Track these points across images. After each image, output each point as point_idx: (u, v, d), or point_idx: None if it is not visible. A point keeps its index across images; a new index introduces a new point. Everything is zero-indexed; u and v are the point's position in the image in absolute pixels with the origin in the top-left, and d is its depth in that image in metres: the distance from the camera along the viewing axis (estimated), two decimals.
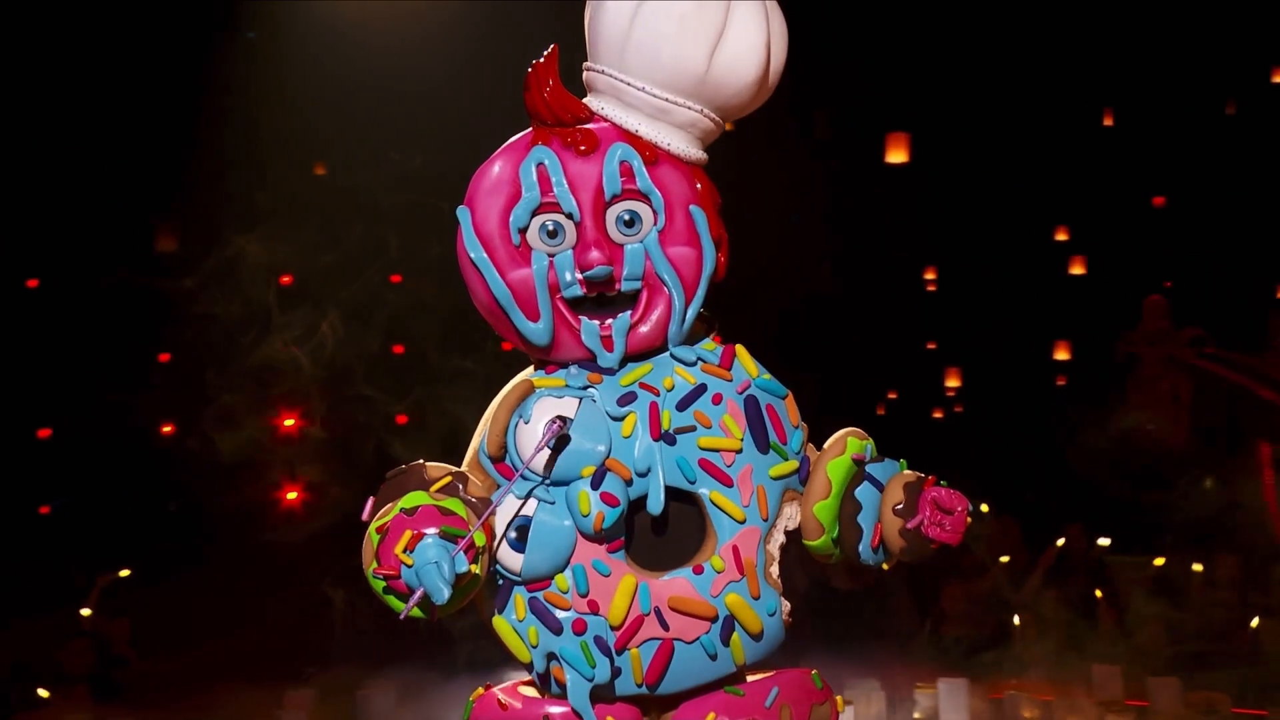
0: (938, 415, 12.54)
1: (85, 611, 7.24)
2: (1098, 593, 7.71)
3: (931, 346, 12.54)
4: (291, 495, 9.60)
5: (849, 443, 2.59)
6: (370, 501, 2.50)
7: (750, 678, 2.59)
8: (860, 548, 2.52)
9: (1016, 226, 11.00)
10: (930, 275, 12.19)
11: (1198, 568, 8.20)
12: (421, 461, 2.57)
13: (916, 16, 9.56)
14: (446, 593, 2.30)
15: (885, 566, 2.58)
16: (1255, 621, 7.06)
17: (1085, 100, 10.83)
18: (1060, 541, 8.10)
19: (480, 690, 2.66)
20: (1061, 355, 11.64)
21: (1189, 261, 10.65)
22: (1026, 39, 9.97)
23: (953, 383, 12.46)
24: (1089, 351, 11.53)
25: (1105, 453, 9.40)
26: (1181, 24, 9.85)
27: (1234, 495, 9.80)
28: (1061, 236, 11.54)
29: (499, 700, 2.58)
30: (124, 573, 7.55)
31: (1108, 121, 11.04)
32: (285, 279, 8.81)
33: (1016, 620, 7.22)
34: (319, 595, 7.16)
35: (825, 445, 2.62)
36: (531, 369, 2.66)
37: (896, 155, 10.13)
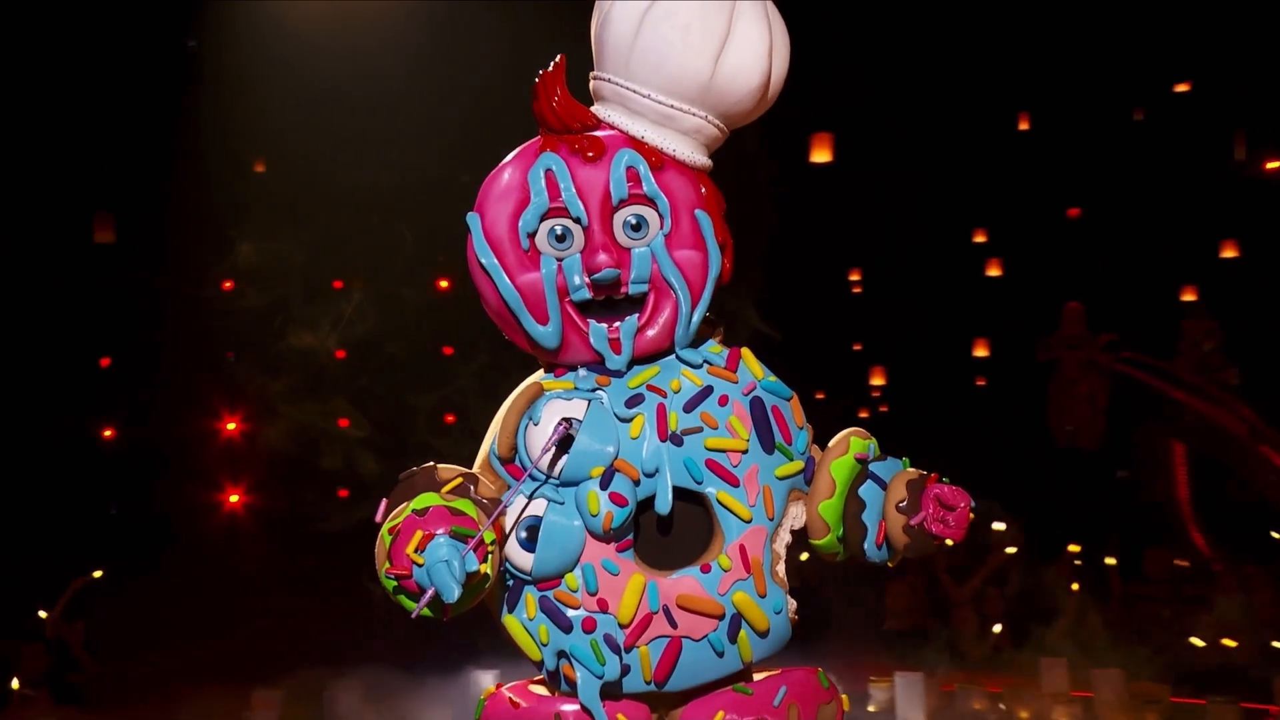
0: (863, 415, 12.69)
1: (42, 614, 7.04)
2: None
3: (857, 348, 12.67)
4: (233, 499, 9.42)
5: (852, 442, 2.59)
6: (383, 503, 2.46)
7: (756, 676, 2.58)
8: (865, 545, 2.52)
9: (938, 228, 11.12)
10: (855, 276, 12.30)
11: (1110, 561, 8.38)
12: (433, 464, 2.53)
13: (839, 20, 9.65)
14: (457, 591, 2.26)
15: (890, 564, 2.59)
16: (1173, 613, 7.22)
17: (1002, 104, 10.96)
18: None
19: (491, 689, 2.63)
20: (981, 352, 11.77)
21: (1103, 269, 10.88)
22: (948, 42, 10.08)
23: (878, 381, 12.60)
24: (1009, 353, 11.73)
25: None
26: (1092, 32, 10.02)
27: (1151, 493, 10.07)
28: (980, 239, 11.69)
29: (510, 699, 2.55)
30: (97, 574, 7.34)
31: (1023, 126, 11.18)
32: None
33: (960, 617, 7.33)
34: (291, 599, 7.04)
35: (829, 445, 2.60)
36: (540, 372, 2.63)
37: (821, 155, 10.16)
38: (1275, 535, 8.03)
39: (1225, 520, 9.36)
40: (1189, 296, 10.54)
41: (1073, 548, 8.37)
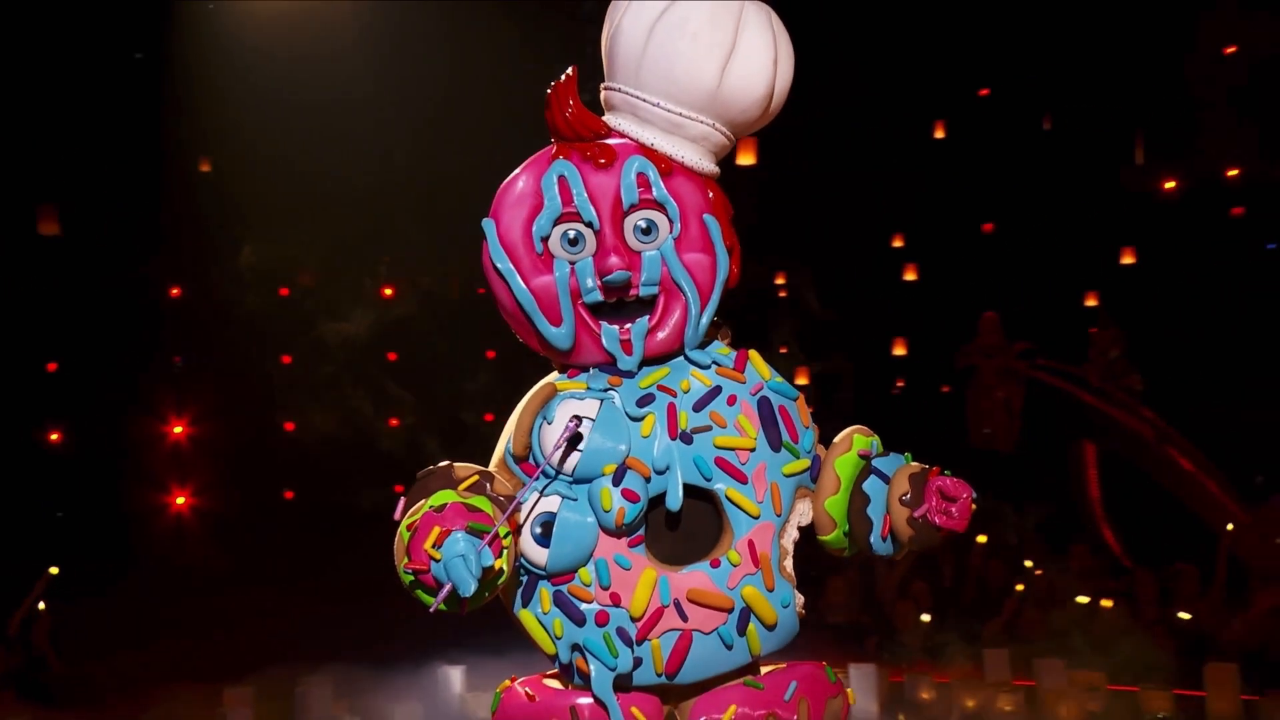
0: None
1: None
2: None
3: (783, 351, 12.73)
4: (179, 500, 9.18)
5: (855, 439, 2.58)
6: (401, 501, 2.43)
7: (763, 669, 2.56)
8: (871, 540, 2.51)
9: (858, 233, 11.16)
10: (780, 280, 12.35)
11: (1029, 560, 8.52)
12: (449, 462, 2.50)
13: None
14: (473, 585, 2.25)
15: (896, 557, 2.59)
16: (1109, 604, 7.36)
17: (921, 111, 11.03)
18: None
19: (507, 682, 2.60)
20: (899, 351, 11.80)
21: (1017, 279, 11.05)
22: (870, 46, 10.12)
23: (801, 381, 12.67)
24: (928, 360, 11.85)
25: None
26: (1004, 40, 10.13)
27: (1066, 491, 10.27)
28: (898, 243, 11.74)
29: (525, 692, 2.52)
30: (53, 570, 7.08)
31: (939, 134, 11.27)
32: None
33: (897, 610, 7.39)
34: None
35: (833, 443, 2.59)
36: (554, 373, 2.61)
37: (745, 157, 10.17)
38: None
39: (1137, 518, 9.58)
40: (1091, 302, 10.75)
41: (981, 539, 8.48)
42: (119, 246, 8.27)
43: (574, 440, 2.43)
